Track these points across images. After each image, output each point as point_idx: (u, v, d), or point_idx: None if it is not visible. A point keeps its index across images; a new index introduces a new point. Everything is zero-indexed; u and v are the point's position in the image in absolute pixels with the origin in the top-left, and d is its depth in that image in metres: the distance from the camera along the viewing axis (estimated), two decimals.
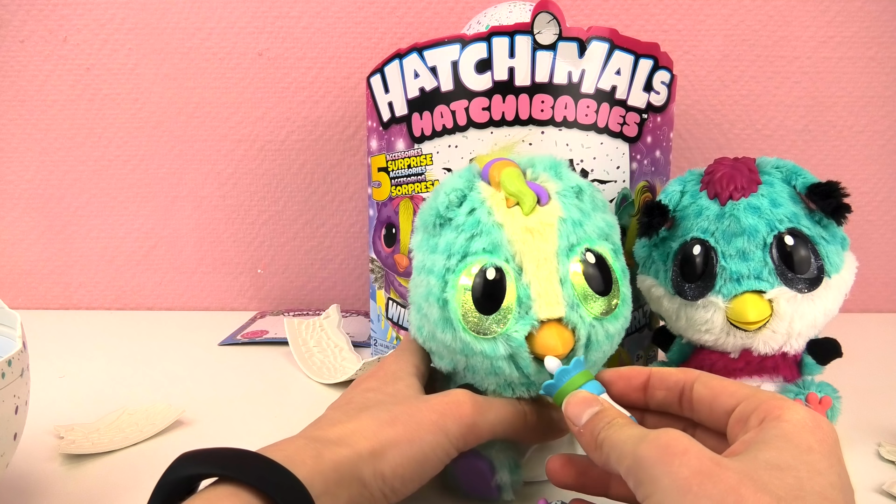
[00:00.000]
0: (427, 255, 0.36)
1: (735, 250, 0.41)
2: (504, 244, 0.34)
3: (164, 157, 0.74)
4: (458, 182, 0.36)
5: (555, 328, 0.33)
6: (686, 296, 0.42)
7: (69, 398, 0.51)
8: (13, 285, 0.77)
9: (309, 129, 0.73)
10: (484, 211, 0.35)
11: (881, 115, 0.71)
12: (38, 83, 0.73)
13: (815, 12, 0.69)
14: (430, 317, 0.35)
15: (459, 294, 0.34)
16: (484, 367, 0.35)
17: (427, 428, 0.32)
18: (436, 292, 0.35)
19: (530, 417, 0.35)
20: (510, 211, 0.35)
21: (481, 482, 0.36)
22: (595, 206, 0.38)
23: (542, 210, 0.35)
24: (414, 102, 0.50)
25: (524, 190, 0.35)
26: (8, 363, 0.33)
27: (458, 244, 0.35)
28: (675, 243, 0.44)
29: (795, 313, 0.40)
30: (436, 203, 0.36)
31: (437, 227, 0.36)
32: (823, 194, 0.41)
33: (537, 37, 0.48)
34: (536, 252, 0.34)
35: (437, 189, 0.37)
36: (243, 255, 0.76)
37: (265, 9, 0.71)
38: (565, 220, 0.35)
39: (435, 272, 0.35)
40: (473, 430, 0.33)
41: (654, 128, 0.52)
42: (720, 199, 0.42)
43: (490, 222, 0.35)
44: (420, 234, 0.37)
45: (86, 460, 0.42)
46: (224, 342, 0.65)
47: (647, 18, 0.70)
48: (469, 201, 0.36)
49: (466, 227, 0.35)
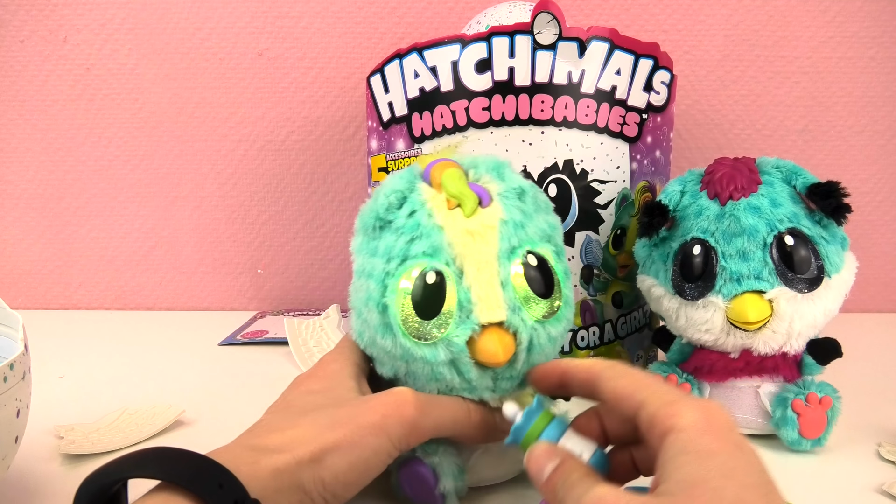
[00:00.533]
0: (367, 258, 0.35)
1: (735, 250, 0.41)
2: (444, 247, 0.33)
3: (164, 157, 0.74)
4: (399, 183, 0.35)
5: (496, 332, 0.33)
6: (686, 296, 0.42)
7: (69, 398, 0.51)
8: (13, 285, 0.77)
9: (309, 129, 0.73)
10: (424, 213, 0.34)
11: (881, 115, 0.71)
12: (38, 83, 0.73)
13: (815, 12, 0.69)
14: (370, 322, 0.34)
15: (399, 298, 0.33)
16: (425, 373, 0.34)
17: (369, 430, 0.31)
18: (375, 297, 0.34)
19: (474, 416, 0.35)
20: (451, 213, 0.34)
21: (425, 490, 0.35)
22: (538, 207, 0.37)
23: (483, 212, 0.35)
24: (414, 102, 0.50)
25: (465, 191, 0.35)
26: (10, 366, 0.32)
27: (398, 247, 0.34)
28: (675, 243, 0.44)
29: (795, 313, 0.40)
30: (375, 205, 0.35)
31: (377, 230, 0.35)
32: (824, 194, 0.41)
33: (537, 37, 0.48)
34: (477, 255, 0.34)
35: (377, 190, 0.36)
36: (243, 255, 0.76)
37: (265, 9, 0.71)
38: (507, 223, 0.35)
39: (374, 276, 0.34)
40: (416, 429, 0.33)
41: (654, 128, 0.52)
42: (720, 199, 0.42)
43: (430, 225, 0.34)
44: (360, 236, 0.36)
45: (86, 460, 0.42)
46: (224, 342, 0.65)
47: (647, 18, 0.70)
48: (409, 203, 0.35)
49: (406, 229, 0.34)
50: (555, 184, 0.49)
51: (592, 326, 0.52)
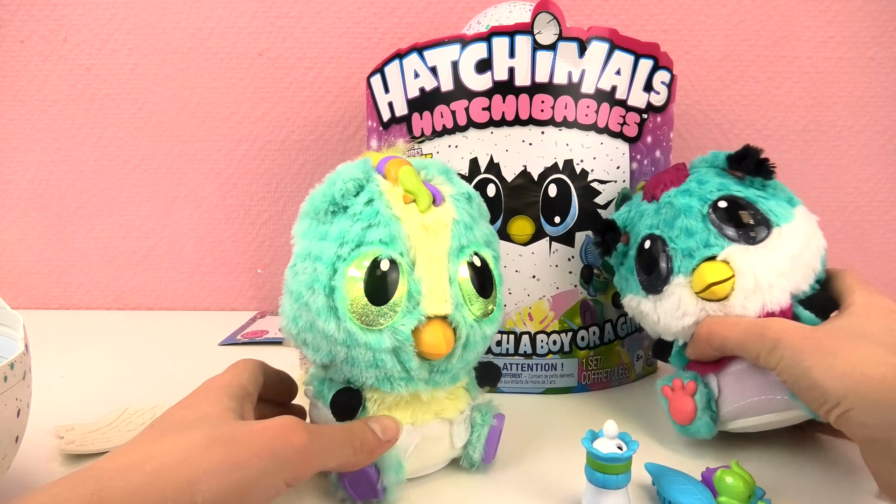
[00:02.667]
0: (315, 241, 0.35)
1: (679, 230, 0.42)
2: (401, 237, 0.34)
3: (164, 157, 0.74)
4: (355, 171, 0.36)
5: (439, 325, 0.34)
6: (655, 289, 0.43)
7: (69, 398, 0.51)
8: (13, 285, 0.77)
9: (309, 129, 0.73)
10: (383, 203, 0.35)
11: (881, 115, 0.71)
12: (38, 83, 0.73)
13: (815, 12, 0.69)
14: (311, 305, 0.35)
15: (349, 283, 0.34)
16: (365, 360, 0.34)
17: (253, 451, 0.28)
18: (323, 280, 0.34)
19: (360, 449, 0.34)
20: (407, 207, 0.35)
21: (367, 486, 0.35)
22: (481, 213, 0.40)
23: (437, 210, 0.36)
24: (414, 102, 0.50)
25: (421, 188, 0.36)
26: (10, 366, 0.32)
27: (354, 232, 0.34)
28: (633, 251, 0.45)
29: (756, 264, 0.40)
30: (331, 190, 0.35)
31: (330, 215, 0.35)
32: (739, 158, 0.43)
33: (537, 37, 0.48)
34: (430, 249, 0.35)
35: (332, 177, 0.36)
36: (243, 255, 0.76)
37: (265, 9, 0.71)
38: (458, 223, 0.36)
39: (324, 259, 0.34)
40: (306, 458, 0.30)
41: (654, 128, 0.52)
42: (655, 197, 0.45)
43: (389, 214, 0.35)
44: (307, 220, 0.37)
45: (86, 460, 0.42)
46: (224, 342, 0.65)
47: (647, 18, 0.70)
48: (367, 191, 0.35)
49: (363, 216, 0.35)
50: (555, 184, 0.49)
51: (592, 326, 0.52)
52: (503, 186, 0.49)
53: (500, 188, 0.49)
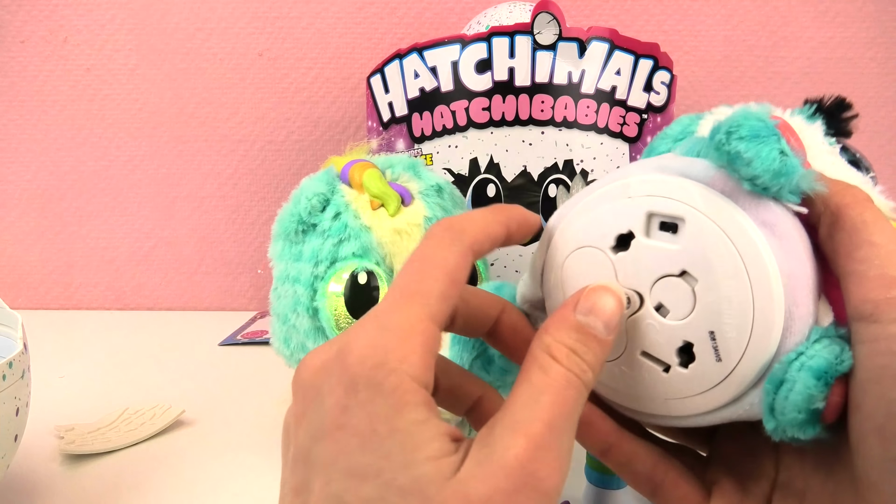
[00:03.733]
0: (291, 263, 0.35)
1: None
2: (374, 247, 0.34)
3: (164, 157, 0.74)
4: (319, 186, 0.35)
5: None
6: None
7: (69, 398, 0.51)
8: (13, 285, 0.77)
9: (309, 130, 0.73)
10: (350, 214, 0.34)
11: (881, 115, 0.71)
12: (38, 84, 0.73)
13: (815, 13, 0.69)
14: (298, 328, 0.34)
15: (330, 301, 0.33)
16: None
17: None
18: (304, 301, 0.34)
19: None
20: (376, 213, 0.34)
21: None
22: (455, 202, 0.38)
23: (407, 210, 0.35)
24: (414, 102, 0.50)
25: (388, 191, 0.35)
26: (9, 365, 0.32)
27: (326, 250, 0.34)
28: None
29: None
30: (297, 209, 0.35)
31: (300, 234, 0.35)
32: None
33: (537, 37, 0.48)
34: (406, 253, 0.34)
35: (296, 194, 0.35)
36: (243, 256, 0.76)
37: (265, 9, 0.71)
38: (431, 220, 0.36)
39: (302, 281, 0.34)
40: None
41: (654, 128, 0.52)
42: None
43: (357, 226, 0.34)
44: (280, 242, 0.36)
45: (86, 460, 0.42)
46: (224, 342, 0.65)
47: (647, 18, 0.70)
48: (333, 205, 0.35)
49: (333, 232, 0.34)
50: (555, 184, 0.49)
51: None
52: (503, 187, 0.49)
53: (500, 188, 0.49)
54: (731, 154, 0.20)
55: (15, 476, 0.39)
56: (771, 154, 0.20)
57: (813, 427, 0.20)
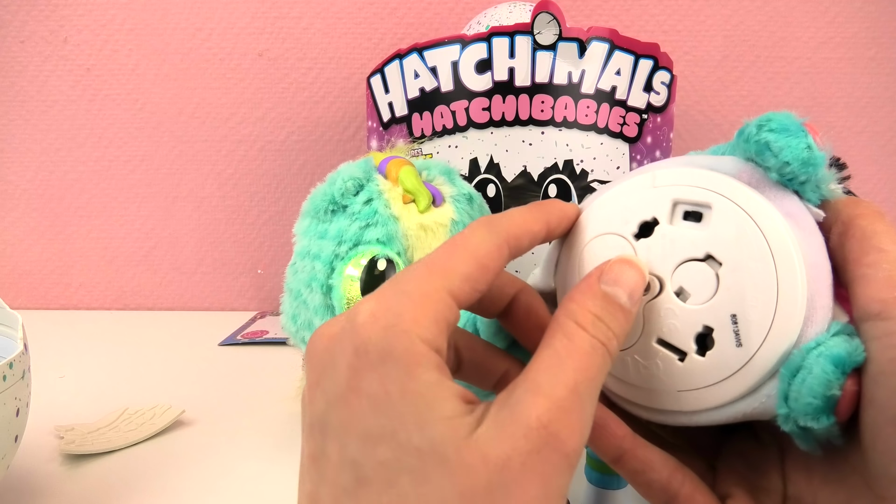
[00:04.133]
0: (314, 240, 0.35)
1: None
2: (399, 237, 0.35)
3: (165, 157, 0.74)
4: (356, 171, 0.36)
5: None
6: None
7: (69, 398, 0.51)
8: (13, 285, 0.77)
9: (309, 130, 0.73)
10: (381, 202, 0.35)
11: (881, 116, 0.71)
12: (38, 84, 0.73)
13: (815, 13, 0.69)
14: (309, 304, 0.35)
15: (346, 282, 0.34)
16: None
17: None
18: (320, 278, 0.34)
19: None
20: (406, 207, 0.35)
21: None
22: (482, 214, 0.39)
23: (436, 210, 0.36)
24: (414, 103, 0.50)
25: (421, 188, 0.36)
26: (9, 365, 0.32)
27: (352, 231, 0.34)
28: None
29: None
30: (332, 189, 0.35)
31: (329, 214, 0.36)
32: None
33: (537, 37, 0.48)
34: (428, 249, 0.35)
35: (333, 176, 0.36)
36: (243, 256, 0.76)
37: (265, 9, 0.71)
38: (457, 224, 0.36)
39: (322, 258, 0.34)
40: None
41: (654, 128, 0.52)
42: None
43: (387, 214, 0.35)
44: (308, 219, 0.37)
45: (86, 460, 0.42)
46: (224, 342, 0.65)
47: (647, 18, 0.70)
48: (366, 191, 0.35)
49: (362, 215, 0.35)
50: (555, 184, 0.49)
51: None
52: (503, 187, 0.49)
53: (500, 188, 0.49)
54: (761, 144, 0.21)
55: (15, 476, 0.39)
56: (800, 145, 0.20)
57: (827, 416, 0.19)
